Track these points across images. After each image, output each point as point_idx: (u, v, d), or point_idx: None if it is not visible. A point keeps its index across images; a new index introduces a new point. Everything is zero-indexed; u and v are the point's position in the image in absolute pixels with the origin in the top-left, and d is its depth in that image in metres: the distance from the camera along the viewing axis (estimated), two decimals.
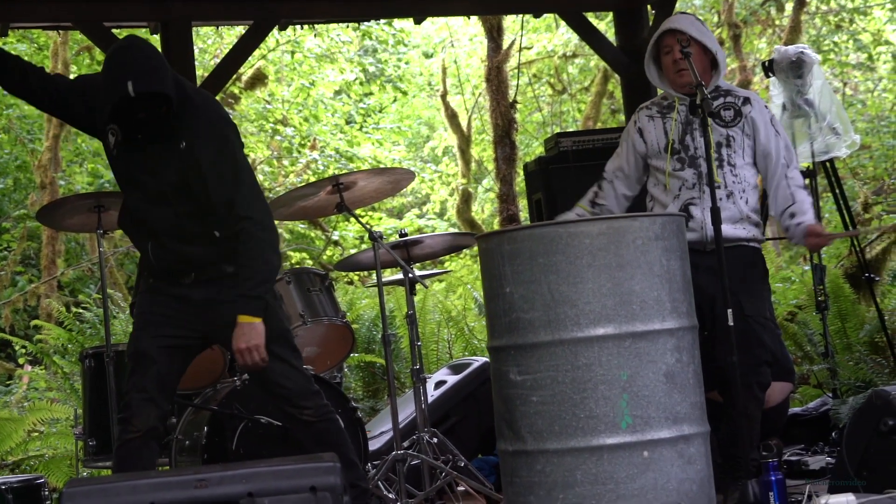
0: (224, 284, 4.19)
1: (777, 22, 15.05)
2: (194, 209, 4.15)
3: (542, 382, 3.87)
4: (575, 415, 3.83)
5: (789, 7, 14.22)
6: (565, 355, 3.85)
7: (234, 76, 9.91)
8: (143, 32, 7.27)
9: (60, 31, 9.88)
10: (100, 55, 13.76)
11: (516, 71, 12.01)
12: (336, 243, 15.03)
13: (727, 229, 4.54)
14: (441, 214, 18.05)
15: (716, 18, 14.93)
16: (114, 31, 6.98)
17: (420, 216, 18.06)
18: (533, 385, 3.88)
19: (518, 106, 11.17)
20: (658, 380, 3.86)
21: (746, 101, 4.83)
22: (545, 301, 3.87)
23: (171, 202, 4.13)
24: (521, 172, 10.38)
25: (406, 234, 5.74)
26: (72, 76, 13.22)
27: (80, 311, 8.99)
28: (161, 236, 4.18)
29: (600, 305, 3.85)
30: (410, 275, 5.45)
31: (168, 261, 4.20)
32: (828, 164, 7.08)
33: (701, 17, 5.18)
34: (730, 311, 4.27)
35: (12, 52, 4.20)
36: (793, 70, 6.75)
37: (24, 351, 10.58)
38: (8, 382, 10.98)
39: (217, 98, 7.23)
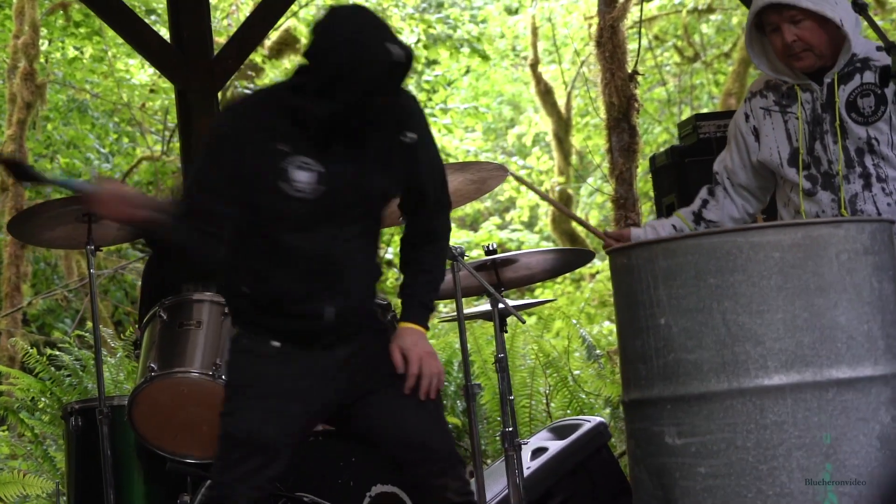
0: (368, 329, 4.11)
1: None
2: (377, 228, 4.13)
3: (713, 448, 3.84)
4: (761, 491, 3.80)
5: None
6: (747, 410, 3.82)
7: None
8: None
9: None
10: (77, 14, 13.99)
11: (634, 32, 11.99)
12: (389, 263, 15.08)
13: None
14: (530, 225, 18.06)
15: None
16: None
17: (501, 227, 18.08)
18: (700, 452, 3.86)
19: (638, 79, 11.13)
20: (871, 444, 3.84)
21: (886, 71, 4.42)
22: (718, 337, 3.85)
23: (361, 227, 4.05)
24: (644, 167, 10.38)
25: (495, 251, 5.72)
26: (43, 41, 13.35)
27: (56, 353, 9.08)
28: (351, 282, 4.03)
29: (794, 343, 3.83)
30: (501, 305, 5.46)
31: (347, 316, 4.03)
32: None
33: None
34: None
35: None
36: None
37: None
38: None
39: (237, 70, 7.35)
